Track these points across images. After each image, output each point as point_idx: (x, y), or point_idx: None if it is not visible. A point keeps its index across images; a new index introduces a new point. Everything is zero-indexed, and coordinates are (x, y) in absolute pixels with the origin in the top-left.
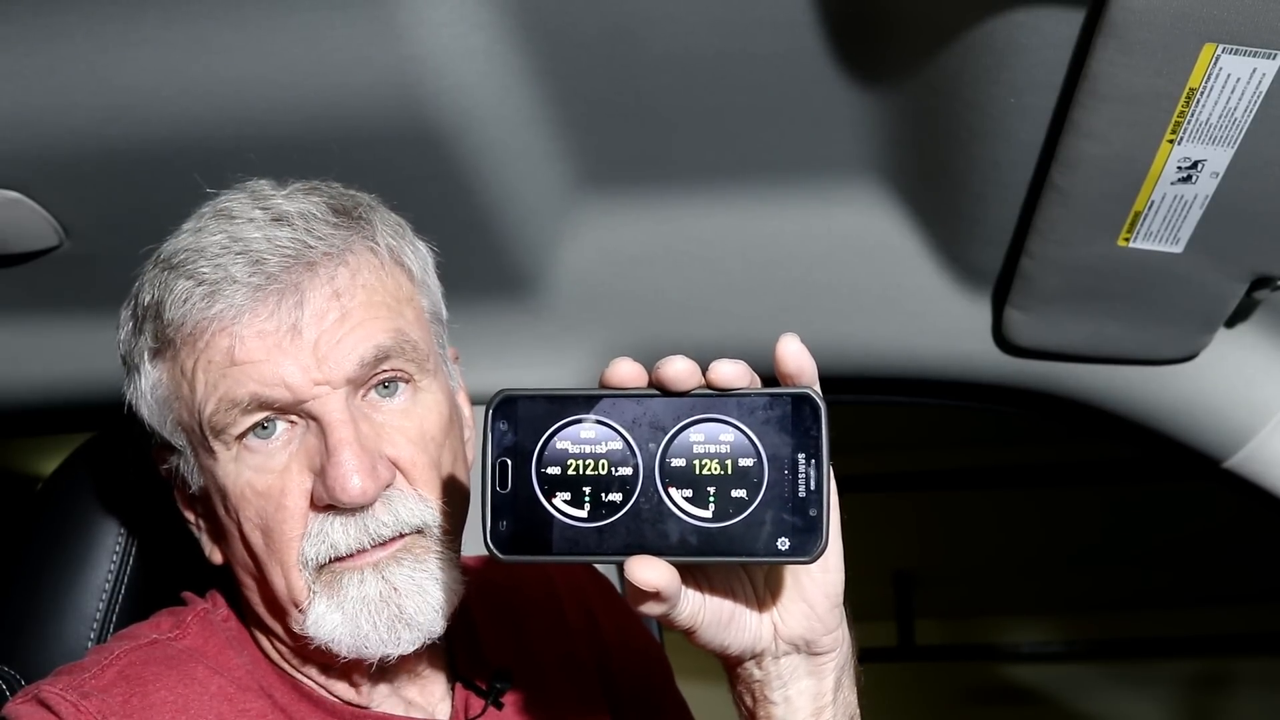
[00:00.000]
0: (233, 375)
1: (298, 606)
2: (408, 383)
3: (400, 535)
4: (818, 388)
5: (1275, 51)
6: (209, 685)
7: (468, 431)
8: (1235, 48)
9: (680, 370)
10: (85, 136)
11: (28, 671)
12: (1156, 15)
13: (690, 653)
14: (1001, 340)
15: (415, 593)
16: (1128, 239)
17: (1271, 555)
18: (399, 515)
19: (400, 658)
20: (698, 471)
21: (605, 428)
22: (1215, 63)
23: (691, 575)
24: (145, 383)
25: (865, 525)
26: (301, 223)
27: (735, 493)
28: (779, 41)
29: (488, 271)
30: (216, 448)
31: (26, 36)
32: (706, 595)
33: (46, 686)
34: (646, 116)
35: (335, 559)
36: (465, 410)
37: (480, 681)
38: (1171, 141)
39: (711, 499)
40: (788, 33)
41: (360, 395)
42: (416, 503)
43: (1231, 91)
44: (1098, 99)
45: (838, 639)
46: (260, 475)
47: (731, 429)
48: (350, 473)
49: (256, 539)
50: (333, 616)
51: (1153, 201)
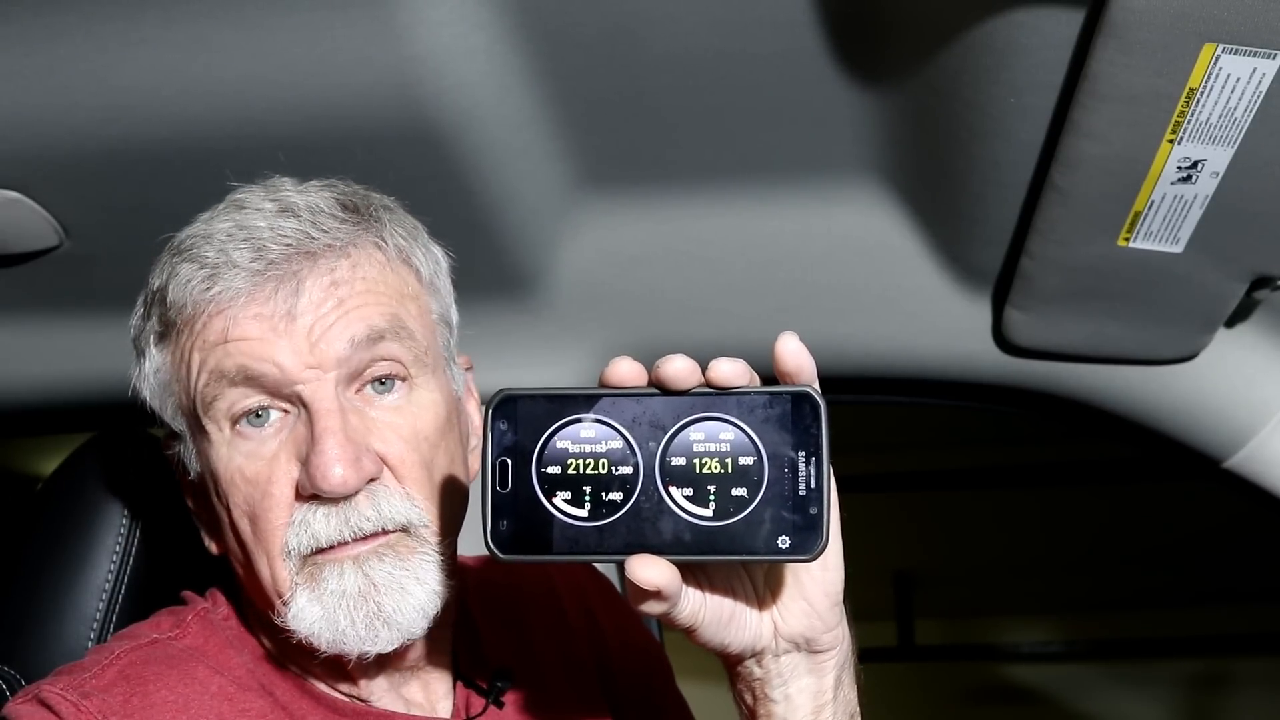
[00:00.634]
0: (223, 349)
1: (281, 598)
2: (404, 380)
3: (384, 531)
4: (817, 386)
5: (1275, 51)
6: (209, 685)
7: (474, 440)
8: (1235, 48)
9: (680, 369)
10: (85, 136)
11: (28, 671)
12: (1156, 15)
13: (690, 652)
14: (1001, 340)
15: (395, 590)
16: (1128, 239)
17: (1271, 555)
18: (382, 511)
19: (404, 655)
20: (698, 470)
21: (605, 427)
22: (1215, 63)
23: (692, 574)
24: (149, 366)
25: (865, 525)
26: (308, 215)
27: (735, 491)
28: (779, 41)
29: (488, 271)
30: (209, 428)
31: (26, 36)
32: (707, 594)
33: (47, 686)
34: (646, 116)
35: (317, 550)
36: (475, 419)
37: (481, 680)
38: (1171, 141)
39: (712, 497)
40: (788, 33)
41: (354, 389)
42: (402, 500)
43: (1231, 91)
44: (1098, 99)
45: (838, 637)
46: (250, 461)
47: (731, 428)
48: (332, 461)
49: (245, 526)
50: (313, 610)
51: (1153, 201)
